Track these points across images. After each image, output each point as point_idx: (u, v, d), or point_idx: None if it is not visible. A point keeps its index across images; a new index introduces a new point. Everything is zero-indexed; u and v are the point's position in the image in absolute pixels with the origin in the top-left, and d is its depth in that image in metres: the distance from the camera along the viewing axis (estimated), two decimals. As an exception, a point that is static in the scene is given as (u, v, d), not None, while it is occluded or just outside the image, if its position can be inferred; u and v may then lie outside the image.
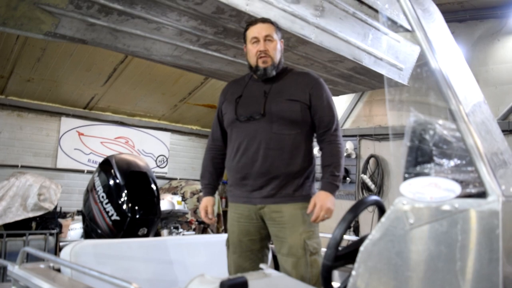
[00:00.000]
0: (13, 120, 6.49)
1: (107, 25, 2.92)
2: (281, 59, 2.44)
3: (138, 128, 7.77)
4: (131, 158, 4.08)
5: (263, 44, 2.35)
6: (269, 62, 2.36)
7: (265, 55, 2.35)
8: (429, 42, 1.24)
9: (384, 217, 1.24)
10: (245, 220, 2.43)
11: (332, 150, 2.38)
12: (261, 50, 2.35)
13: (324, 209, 2.22)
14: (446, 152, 1.24)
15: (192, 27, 3.03)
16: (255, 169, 2.33)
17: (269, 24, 2.41)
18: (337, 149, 2.39)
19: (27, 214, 5.00)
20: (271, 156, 2.31)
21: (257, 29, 2.38)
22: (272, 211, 2.35)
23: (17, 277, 2.38)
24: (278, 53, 2.41)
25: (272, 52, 2.36)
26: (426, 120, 1.26)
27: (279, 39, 2.44)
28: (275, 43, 2.38)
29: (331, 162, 2.35)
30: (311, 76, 2.49)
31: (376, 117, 7.06)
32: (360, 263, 1.26)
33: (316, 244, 2.34)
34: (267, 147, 2.31)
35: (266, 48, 2.35)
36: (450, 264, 1.13)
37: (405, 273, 1.19)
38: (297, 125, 2.37)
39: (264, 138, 2.32)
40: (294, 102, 2.36)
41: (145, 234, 3.72)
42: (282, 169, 2.32)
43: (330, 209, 2.24)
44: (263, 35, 2.36)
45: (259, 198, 2.36)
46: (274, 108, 2.35)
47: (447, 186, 1.15)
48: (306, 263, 2.28)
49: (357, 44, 3.66)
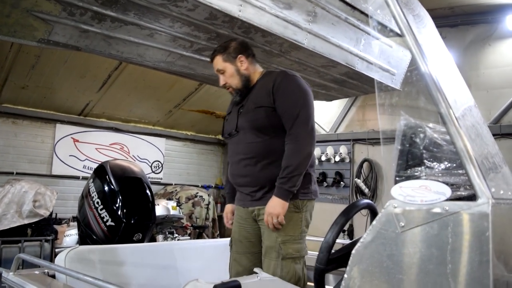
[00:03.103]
0: (8, 127, 6.47)
1: (100, 32, 2.93)
2: (243, 76, 2.54)
3: (133, 134, 7.76)
4: (126, 164, 4.08)
5: (220, 79, 2.59)
6: (231, 89, 2.59)
7: (225, 87, 2.60)
8: (419, 47, 1.26)
9: (375, 220, 1.25)
10: (243, 222, 2.58)
11: (288, 151, 2.33)
12: (221, 85, 2.61)
13: (273, 216, 2.27)
14: (436, 155, 1.26)
15: (185, 33, 3.04)
16: (240, 179, 2.53)
17: (216, 57, 2.57)
18: (291, 150, 2.31)
19: (22, 220, 4.99)
20: (248, 164, 2.45)
21: (213, 65, 2.61)
22: (259, 214, 2.47)
23: (11, 283, 2.37)
24: (235, 77, 2.53)
25: (229, 80, 2.55)
26: (417, 124, 1.28)
27: (233, 61, 2.53)
28: (228, 71, 2.53)
29: (284, 165, 2.31)
30: (274, 75, 2.50)
31: (369, 122, 7.10)
32: (352, 266, 1.27)
33: (292, 250, 2.35)
34: (243, 157, 2.47)
35: (222, 82, 2.58)
36: (441, 266, 1.14)
37: (396, 275, 1.20)
38: (267, 131, 2.42)
39: (241, 149, 2.49)
40: (258, 109, 2.45)
41: (140, 239, 3.70)
42: (260, 176, 2.43)
43: (278, 215, 2.27)
44: (216, 70, 2.60)
45: (250, 201, 2.52)
46: (243, 120, 2.50)
47: (437, 189, 1.17)
48: (278, 266, 2.34)
49: (349, 49, 3.68)
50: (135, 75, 6.21)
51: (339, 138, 7.18)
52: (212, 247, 3.32)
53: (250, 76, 2.56)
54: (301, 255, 2.40)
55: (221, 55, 2.54)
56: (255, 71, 2.60)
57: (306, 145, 2.32)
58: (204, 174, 8.85)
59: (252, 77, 2.57)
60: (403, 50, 4.27)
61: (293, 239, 2.35)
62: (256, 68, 2.62)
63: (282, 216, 2.27)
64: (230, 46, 2.55)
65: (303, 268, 2.40)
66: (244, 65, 2.53)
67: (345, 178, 7.10)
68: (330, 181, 7.21)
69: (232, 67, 2.52)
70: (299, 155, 2.30)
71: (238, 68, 2.52)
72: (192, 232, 6.44)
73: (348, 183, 7.06)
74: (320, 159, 7.40)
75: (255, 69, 2.61)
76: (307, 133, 2.34)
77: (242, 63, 2.53)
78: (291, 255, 2.34)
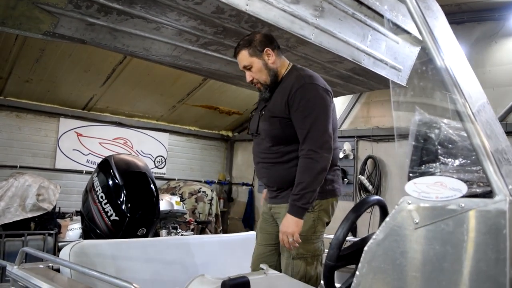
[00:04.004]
0: (11, 120, 6.46)
1: (106, 25, 2.91)
2: (272, 70, 2.42)
3: (136, 129, 7.74)
4: (130, 158, 4.06)
5: (247, 75, 2.47)
6: (259, 85, 2.47)
7: (253, 83, 2.48)
8: (435, 41, 1.23)
9: (388, 217, 1.23)
10: (266, 216, 2.64)
11: (300, 167, 2.28)
12: (248, 81, 2.49)
13: (288, 234, 2.23)
14: (451, 152, 1.23)
15: (191, 27, 3.02)
16: (261, 178, 2.59)
17: (242, 52, 2.43)
18: (304, 167, 2.26)
19: (25, 214, 4.98)
20: (264, 168, 2.49)
21: (238, 61, 2.48)
22: (275, 212, 2.52)
23: (16, 277, 2.36)
24: (263, 72, 2.42)
25: (256, 76, 2.44)
26: (431, 119, 1.26)
27: (260, 55, 2.40)
28: (256, 66, 2.41)
29: (297, 181, 2.26)
30: (293, 78, 2.38)
31: (373, 118, 7.06)
32: (364, 263, 1.25)
33: (303, 250, 2.33)
34: (260, 161, 2.51)
35: (250, 78, 2.46)
36: (456, 264, 1.12)
37: (410, 273, 1.18)
38: (283, 140, 2.39)
39: (261, 153, 2.51)
40: (274, 119, 2.40)
41: (144, 234, 3.69)
42: (276, 177, 2.45)
43: (292, 233, 2.22)
44: (242, 67, 2.46)
45: (269, 199, 2.58)
46: (261, 127, 2.48)
47: (453, 185, 1.15)
48: (289, 266, 2.36)
49: (356, 45, 3.65)
50: (139, 70, 6.19)
51: (343, 135, 7.14)
52: (217, 243, 3.31)
53: (278, 70, 2.44)
54: (314, 254, 2.37)
55: (247, 49, 2.40)
56: (282, 64, 2.48)
57: (319, 161, 2.23)
58: (207, 170, 8.84)
59: (280, 71, 2.45)
60: (409, 46, 4.24)
61: (305, 239, 2.31)
62: (283, 61, 2.50)
63: (297, 235, 2.22)
64: (255, 39, 2.41)
65: (316, 268, 2.37)
66: (271, 59, 2.41)
67: (349, 174, 7.07)
68: (334, 177, 7.18)
69: (260, 61, 2.40)
70: (311, 172, 2.23)
71: (266, 62, 2.40)
72: (195, 227, 6.44)
73: (352, 180, 7.03)
74: (323, 155, 7.37)
75: (282, 62, 2.48)
76: (320, 148, 2.24)
77: (270, 56, 2.40)
78: (302, 255, 2.33)
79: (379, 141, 6.82)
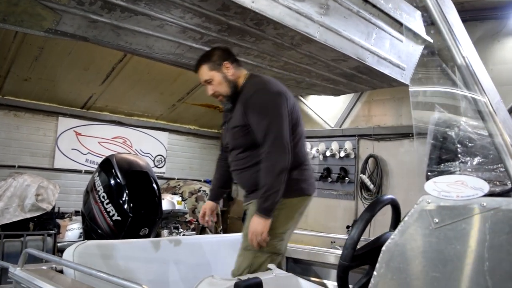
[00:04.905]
0: (9, 120, 6.42)
1: (109, 22, 2.86)
2: (231, 82, 2.56)
3: (136, 128, 7.71)
4: (132, 158, 4.03)
5: (208, 89, 2.60)
6: (221, 97, 2.60)
7: (215, 96, 2.60)
8: (454, 38, 1.21)
9: (407, 216, 1.21)
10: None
11: (262, 170, 2.38)
12: (210, 94, 2.61)
13: (256, 234, 2.32)
14: (471, 150, 1.21)
15: (196, 24, 2.97)
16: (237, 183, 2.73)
17: (202, 67, 2.60)
18: (264, 169, 2.36)
19: (24, 214, 4.94)
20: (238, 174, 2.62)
21: (199, 76, 2.64)
22: (246, 210, 2.64)
23: (19, 279, 2.32)
24: (223, 84, 2.56)
25: (217, 89, 2.58)
26: (450, 118, 1.23)
27: (219, 68, 2.55)
28: (216, 80, 2.56)
29: (261, 183, 2.36)
30: (247, 91, 2.52)
31: (375, 117, 7.05)
32: (382, 263, 1.23)
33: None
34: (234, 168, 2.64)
35: (211, 92, 2.59)
36: (478, 264, 1.10)
37: (430, 273, 1.16)
38: (249, 147, 2.50)
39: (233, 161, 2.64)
40: (235, 129, 2.53)
41: (147, 234, 3.67)
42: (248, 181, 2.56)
43: (260, 233, 2.32)
44: (203, 81, 2.61)
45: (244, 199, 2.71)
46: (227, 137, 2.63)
47: (474, 184, 1.12)
48: (240, 256, 2.49)
49: (361, 43, 3.62)
50: (139, 68, 6.15)
51: (344, 134, 7.14)
52: (220, 242, 3.28)
53: (237, 81, 2.59)
54: (264, 250, 2.38)
55: (207, 64, 2.59)
56: (240, 75, 2.63)
57: (277, 162, 2.34)
58: (207, 169, 8.81)
59: (238, 81, 2.60)
60: (413, 45, 4.21)
61: None
62: (241, 72, 2.65)
63: (265, 234, 2.32)
64: (214, 54, 2.60)
65: (263, 263, 2.38)
66: (230, 71, 2.57)
67: (350, 174, 7.06)
68: (335, 176, 7.17)
69: (219, 75, 2.56)
70: (272, 174, 2.33)
71: (225, 75, 2.56)
72: (196, 227, 6.40)
73: (353, 179, 7.02)
74: (324, 154, 7.36)
75: (240, 73, 2.64)
76: (277, 148, 2.35)
77: (228, 69, 2.56)
78: (251, 247, 2.38)
79: (380, 140, 6.81)
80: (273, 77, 4.10)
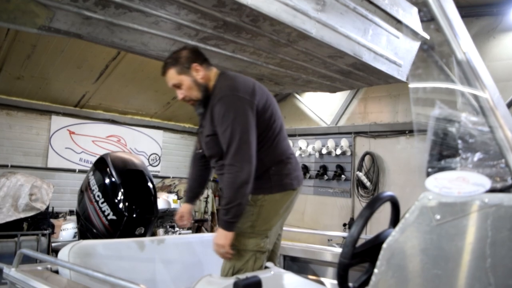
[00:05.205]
0: (2, 119, 6.37)
1: (103, 19, 2.83)
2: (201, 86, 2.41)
3: (130, 127, 7.67)
4: (127, 156, 4.00)
5: (178, 93, 2.46)
6: (192, 101, 2.46)
7: (185, 100, 2.46)
8: (454, 32, 1.20)
9: (408, 213, 1.19)
10: None
11: (224, 183, 2.27)
12: (180, 99, 2.48)
13: (218, 247, 2.23)
14: (471, 146, 1.20)
15: (191, 20, 2.94)
16: None
17: (169, 71, 2.43)
18: (226, 182, 2.25)
19: (18, 214, 4.89)
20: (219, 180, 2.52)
21: (167, 80, 2.47)
22: None
23: (14, 279, 2.30)
24: (194, 89, 2.40)
25: (187, 93, 2.42)
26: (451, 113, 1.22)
27: (188, 72, 2.39)
28: (185, 84, 2.40)
29: (224, 196, 2.28)
30: (214, 97, 2.37)
31: (371, 114, 7.05)
32: (383, 260, 1.21)
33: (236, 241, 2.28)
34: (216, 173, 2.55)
35: (181, 96, 2.45)
36: (480, 260, 1.09)
37: (431, 270, 1.15)
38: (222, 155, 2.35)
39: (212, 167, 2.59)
40: (207, 139, 2.42)
41: (142, 233, 3.64)
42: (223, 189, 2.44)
43: (222, 245, 2.22)
44: (172, 86, 2.45)
45: None
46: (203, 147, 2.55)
47: (476, 180, 1.11)
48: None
49: (357, 39, 3.61)
50: (133, 66, 6.11)
51: (340, 131, 7.14)
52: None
53: (208, 84, 2.43)
54: (248, 249, 2.31)
55: (174, 67, 2.41)
56: (210, 76, 2.47)
57: (238, 175, 2.20)
58: (202, 167, 8.77)
59: (209, 84, 2.44)
60: (409, 41, 4.20)
61: (239, 231, 2.29)
62: (211, 72, 2.50)
63: (228, 247, 2.22)
64: (182, 56, 2.43)
65: (247, 262, 2.30)
66: (200, 74, 2.40)
67: (346, 171, 7.06)
68: (331, 174, 7.17)
69: (189, 79, 2.40)
70: (232, 187, 2.21)
71: (194, 78, 2.40)
72: (192, 226, 6.38)
73: (349, 176, 7.02)
74: (321, 152, 7.35)
75: (210, 74, 2.48)
76: (239, 161, 2.21)
77: (198, 71, 2.40)
78: (234, 246, 2.28)
79: (376, 137, 6.82)
80: (269, 74, 4.09)
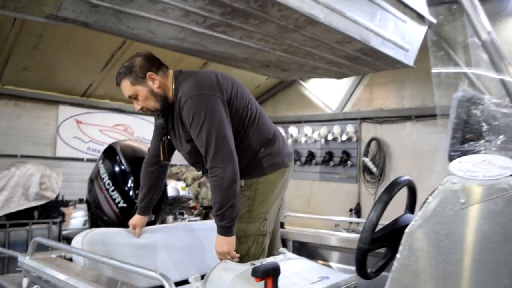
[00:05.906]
0: (10, 109, 6.38)
1: (111, 7, 2.80)
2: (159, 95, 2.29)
3: (137, 115, 7.67)
4: (136, 144, 4.00)
5: (135, 104, 2.34)
6: (150, 112, 2.35)
7: (143, 111, 2.35)
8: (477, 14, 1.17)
9: (430, 197, 1.19)
10: None
11: (210, 187, 2.19)
12: (138, 110, 2.36)
13: (223, 255, 2.15)
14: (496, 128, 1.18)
15: (199, 7, 2.92)
16: None
17: (123, 81, 2.31)
18: (212, 186, 2.16)
19: (29, 203, 4.93)
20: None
21: (122, 91, 2.35)
22: None
23: (28, 267, 2.32)
24: (151, 99, 2.29)
25: (145, 104, 2.31)
26: (474, 95, 1.20)
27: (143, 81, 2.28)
28: (141, 94, 2.28)
29: (213, 201, 2.19)
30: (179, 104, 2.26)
31: (376, 100, 7.02)
32: (406, 245, 1.21)
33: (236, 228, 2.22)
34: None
35: (138, 107, 2.33)
36: (506, 245, 1.08)
37: (455, 255, 1.14)
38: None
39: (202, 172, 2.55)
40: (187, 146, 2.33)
41: (153, 221, 3.65)
42: None
43: (226, 252, 2.15)
44: (128, 97, 2.33)
45: None
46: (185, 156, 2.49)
47: (502, 163, 1.10)
48: None
49: (365, 24, 3.57)
50: (138, 55, 6.09)
51: (346, 117, 7.11)
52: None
53: (165, 93, 2.31)
54: (248, 234, 2.29)
55: (128, 78, 2.28)
56: (168, 83, 2.35)
57: (224, 176, 2.11)
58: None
59: (167, 93, 2.32)
60: (417, 25, 4.16)
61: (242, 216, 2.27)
62: (168, 78, 2.37)
63: (233, 251, 2.16)
64: (135, 65, 2.30)
65: (250, 248, 2.29)
66: (156, 83, 2.28)
67: (352, 157, 7.05)
68: (337, 160, 7.17)
69: (144, 89, 2.27)
70: (221, 190, 2.12)
71: (150, 88, 2.27)
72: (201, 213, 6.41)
73: (355, 162, 7.02)
74: (326, 138, 7.34)
75: (167, 80, 2.36)
76: (220, 161, 2.13)
77: (154, 80, 2.28)
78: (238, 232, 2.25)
79: (382, 123, 6.79)
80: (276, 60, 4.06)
